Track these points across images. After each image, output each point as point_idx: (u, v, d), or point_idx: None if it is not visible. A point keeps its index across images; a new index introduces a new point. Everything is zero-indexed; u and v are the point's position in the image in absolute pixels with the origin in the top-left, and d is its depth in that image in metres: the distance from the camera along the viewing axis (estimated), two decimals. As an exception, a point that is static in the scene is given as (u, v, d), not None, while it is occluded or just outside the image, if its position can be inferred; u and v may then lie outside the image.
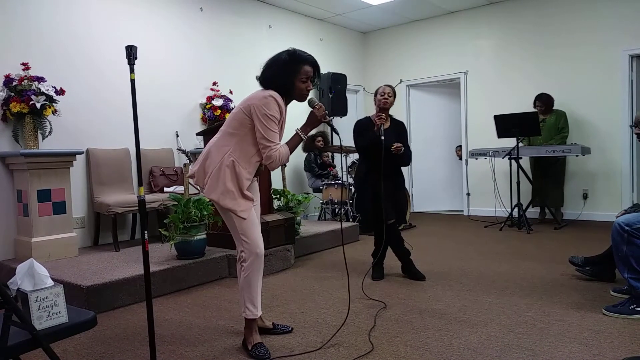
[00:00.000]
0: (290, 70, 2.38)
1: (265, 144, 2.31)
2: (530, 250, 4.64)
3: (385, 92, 3.69)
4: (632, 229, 2.78)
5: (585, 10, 6.24)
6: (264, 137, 2.31)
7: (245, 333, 2.49)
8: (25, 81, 3.97)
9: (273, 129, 2.32)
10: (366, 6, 6.87)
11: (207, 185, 2.38)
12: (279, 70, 2.38)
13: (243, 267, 2.42)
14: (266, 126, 2.30)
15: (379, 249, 3.83)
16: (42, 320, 1.59)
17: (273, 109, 2.31)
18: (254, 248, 2.39)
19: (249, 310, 2.44)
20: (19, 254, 4.07)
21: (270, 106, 2.30)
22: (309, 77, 2.41)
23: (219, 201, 2.35)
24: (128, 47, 2.11)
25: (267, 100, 2.31)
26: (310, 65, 2.42)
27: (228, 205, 2.35)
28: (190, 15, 5.67)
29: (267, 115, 2.29)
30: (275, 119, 2.32)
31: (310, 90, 2.45)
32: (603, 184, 6.21)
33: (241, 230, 2.39)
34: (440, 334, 2.59)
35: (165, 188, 4.89)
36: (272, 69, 2.41)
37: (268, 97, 2.31)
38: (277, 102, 2.32)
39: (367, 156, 3.75)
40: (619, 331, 2.54)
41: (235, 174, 2.35)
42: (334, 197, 6.08)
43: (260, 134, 2.31)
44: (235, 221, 2.38)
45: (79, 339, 2.66)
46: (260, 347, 2.40)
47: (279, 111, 2.34)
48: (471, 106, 7.30)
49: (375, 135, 3.60)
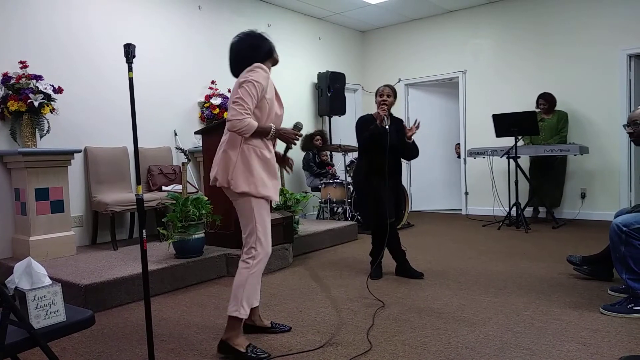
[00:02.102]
0: (260, 36, 2.47)
1: (238, 102, 2.25)
2: (528, 249, 4.65)
3: (384, 93, 3.69)
4: (630, 229, 2.78)
5: (583, 9, 6.25)
6: (240, 97, 2.25)
7: (230, 336, 2.34)
8: (23, 79, 3.96)
9: (252, 95, 2.27)
10: (365, 5, 6.87)
11: (233, 181, 2.33)
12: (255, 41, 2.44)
13: (249, 263, 2.35)
14: (246, 89, 2.26)
15: (377, 248, 3.84)
16: (40, 319, 1.58)
17: (259, 76, 2.30)
18: (267, 247, 2.39)
19: (243, 309, 2.34)
20: (16, 253, 4.07)
21: (255, 74, 2.30)
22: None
23: (251, 192, 2.31)
24: (126, 46, 2.10)
25: (254, 69, 2.32)
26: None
27: (262, 193, 2.34)
28: (188, 13, 5.66)
29: (249, 81, 2.27)
30: (259, 86, 2.29)
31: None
32: (601, 183, 6.22)
33: (261, 226, 2.36)
34: (439, 332, 2.60)
35: (163, 187, 4.88)
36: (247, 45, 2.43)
37: (254, 67, 2.33)
38: (265, 71, 2.35)
39: (369, 153, 3.73)
40: (617, 330, 2.54)
41: (258, 158, 2.35)
42: (332, 196, 6.08)
43: (237, 95, 2.27)
44: (257, 215, 2.35)
45: (76, 338, 2.65)
46: (254, 347, 2.35)
47: (266, 78, 2.34)
48: (470, 105, 7.30)
49: (378, 129, 3.59)
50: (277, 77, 2.51)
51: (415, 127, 3.65)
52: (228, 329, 2.36)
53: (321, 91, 7.20)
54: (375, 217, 3.72)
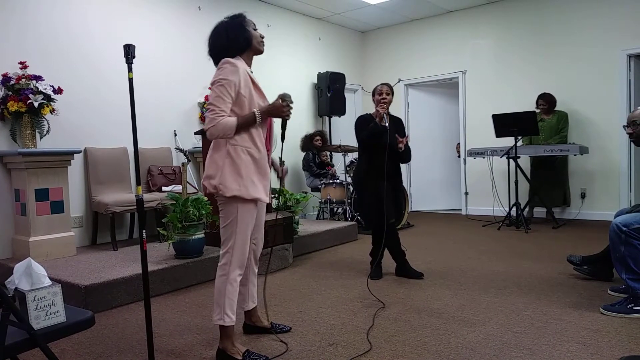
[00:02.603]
0: (239, 23, 2.34)
1: (211, 107, 2.18)
2: (528, 249, 4.65)
3: (383, 91, 3.69)
4: (630, 229, 2.79)
5: (583, 9, 6.25)
6: (211, 102, 2.18)
7: (225, 345, 2.28)
8: (23, 80, 3.96)
9: (223, 96, 2.17)
10: (365, 5, 6.87)
11: (222, 186, 2.21)
12: (232, 28, 2.32)
13: (225, 270, 2.27)
14: (215, 92, 2.18)
15: (377, 248, 3.84)
16: (40, 320, 1.58)
17: (226, 73, 2.19)
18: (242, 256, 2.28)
19: (228, 317, 2.25)
20: (16, 253, 4.06)
21: (223, 72, 2.20)
22: (256, 26, 2.41)
23: (242, 194, 2.19)
24: (126, 46, 2.10)
25: (221, 67, 2.22)
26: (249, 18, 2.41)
27: (253, 195, 2.21)
28: (188, 14, 5.66)
29: (217, 82, 2.19)
30: (228, 83, 2.18)
31: (263, 39, 2.41)
32: (601, 183, 6.22)
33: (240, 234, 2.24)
34: (439, 333, 2.60)
35: (163, 187, 4.88)
36: (223, 32, 2.34)
37: (221, 65, 2.23)
38: (233, 65, 2.21)
39: (369, 151, 3.73)
40: (617, 330, 2.54)
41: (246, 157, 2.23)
42: (332, 197, 6.08)
43: (210, 98, 2.20)
44: (240, 221, 2.23)
45: (76, 339, 2.65)
46: (251, 353, 2.30)
47: (236, 72, 2.20)
48: (469, 106, 7.30)
49: (378, 127, 3.59)
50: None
51: (404, 142, 3.63)
52: (221, 337, 2.30)
53: (321, 91, 7.20)
54: (375, 218, 3.72)
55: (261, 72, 6.36)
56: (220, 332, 2.30)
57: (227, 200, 2.24)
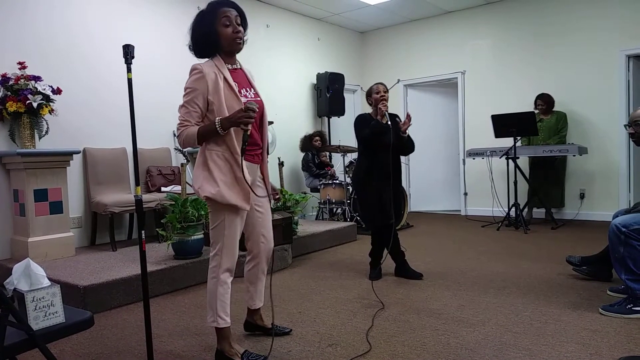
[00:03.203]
0: (209, 20, 2.19)
1: (179, 119, 2.18)
2: (528, 249, 4.65)
3: (380, 90, 3.69)
4: (629, 230, 2.79)
5: (582, 10, 6.26)
6: (179, 112, 2.18)
7: (223, 346, 2.27)
8: (21, 80, 3.96)
9: (187, 104, 2.15)
10: (364, 6, 6.87)
11: (200, 189, 2.19)
12: (200, 26, 2.22)
13: (215, 272, 2.24)
14: (182, 102, 2.18)
15: (376, 249, 3.84)
16: (39, 321, 1.58)
17: (189, 81, 2.16)
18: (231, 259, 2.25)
19: (222, 319, 2.24)
20: (15, 254, 4.06)
21: (189, 80, 2.17)
22: (230, 20, 2.19)
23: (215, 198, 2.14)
24: (125, 46, 2.10)
25: (189, 75, 2.19)
26: (227, 7, 2.20)
27: (226, 199, 2.14)
28: (187, 14, 5.63)
29: (184, 91, 2.18)
30: (192, 91, 2.14)
31: (239, 35, 2.20)
32: (600, 183, 6.22)
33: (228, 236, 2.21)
34: (438, 333, 2.60)
35: (162, 188, 4.88)
36: (194, 28, 2.25)
37: (190, 72, 2.19)
38: (198, 71, 2.15)
39: (370, 151, 3.71)
40: (616, 330, 2.54)
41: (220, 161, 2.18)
42: (331, 197, 6.08)
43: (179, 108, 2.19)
44: (227, 223, 2.20)
45: (75, 339, 2.65)
46: (250, 353, 2.29)
47: (202, 79, 2.13)
48: (469, 106, 7.31)
49: (380, 125, 3.58)
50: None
51: (408, 120, 3.57)
52: (219, 339, 2.29)
53: (320, 92, 7.20)
54: (375, 218, 3.72)
55: (260, 72, 6.39)
56: (217, 334, 2.30)
57: (212, 203, 2.22)
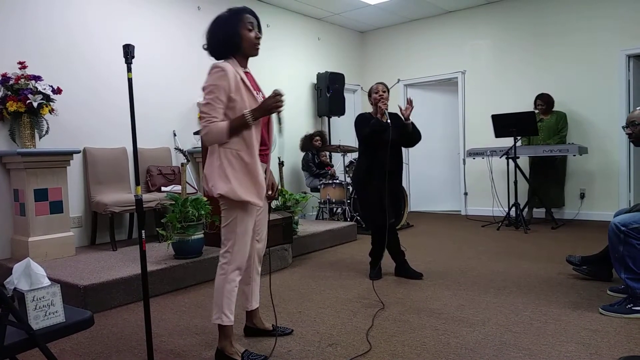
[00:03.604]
0: (233, 22, 2.27)
1: (202, 116, 2.19)
2: (528, 249, 4.65)
3: (379, 89, 3.71)
4: (629, 229, 2.79)
5: (582, 10, 6.26)
6: (202, 109, 2.19)
7: (224, 345, 2.28)
8: (22, 80, 3.96)
9: (212, 101, 2.16)
10: (364, 5, 6.87)
11: (214, 187, 2.22)
12: (223, 27, 2.28)
13: (224, 269, 2.26)
14: (205, 99, 2.18)
15: (376, 249, 3.84)
16: (39, 320, 1.58)
17: (214, 79, 2.17)
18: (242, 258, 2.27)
19: (226, 317, 2.25)
20: (15, 254, 4.06)
21: (211, 77, 2.19)
22: (254, 25, 2.31)
23: (229, 195, 2.17)
24: (125, 46, 2.10)
25: (210, 73, 2.20)
26: (250, 14, 2.33)
27: (241, 197, 2.17)
28: (188, 14, 5.66)
29: (205, 88, 2.19)
30: (217, 88, 2.16)
31: (259, 40, 2.32)
32: (600, 183, 6.22)
33: (240, 234, 2.23)
34: (438, 333, 2.60)
35: (162, 187, 4.88)
36: (215, 30, 2.31)
37: (210, 70, 2.21)
38: (220, 69, 2.18)
39: (370, 150, 3.71)
40: (616, 330, 2.55)
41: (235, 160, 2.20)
42: (331, 197, 6.08)
43: (201, 105, 2.21)
44: (239, 221, 2.23)
45: (76, 339, 2.65)
46: (250, 353, 2.30)
47: (224, 77, 2.16)
48: (469, 106, 7.31)
49: (380, 123, 3.58)
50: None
51: (410, 105, 3.58)
52: (220, 337, 2.30)
53: (320, 92, 7.20)
54: (375, 217, 3.72)
55: (261, 72, 6.36)
56: (219, 332, 2.30)
57: (226, 201, 2.24)
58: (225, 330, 2.28)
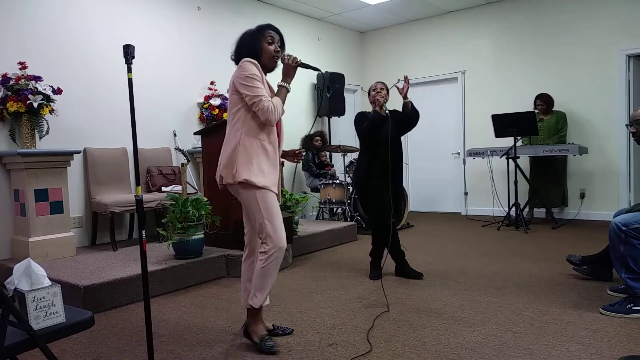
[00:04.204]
0: (256, 37, 2.48)
1: (255, 100, 2.32)
2: (528, 249, 4.65)
3: (377, 87, 3.73)
4: (629, 229, 2.79)
5: (582, 10, 6.26)
6: (251, 95, 2.33)
7: (250, 324, 2.49)
8: (22, 80, 3.96)
9: (257, 86, 2.33)
10: (364, 6, 6.87)
11: (236, 172, 2.34)
12: (247, 40, 2.50)
13: (262, 258, 2.37)
14: (249, 86, 2.33)
15: (376, 249, 3.84)
16: (40, 320, 1.58)
17: (250, 69, 2.34)
18: (279, 241, 2.36)
19: (257, 298, 2.42)
20: (16, 254, 4.06)
21: (246, 68, 2.34)
22: (274, 39, 2.50)
23: (252, 180, 2.32)
24: (125, 47, 2.10)
25: (242, 65, 2.36)
26: (273, 30, 2.53)
27: (263, 183, 2.34)
28: (188, 14, 5.66)
29: (246, 77, 2.33)
30: (257, 77, 2.35)
31: (278, 54, 2.52)
32: (600, 183, 6.22)
33: (269, 219, 2.35)
34: (438, 333, 2.60)
35: (162, 187, 4.88)
36: (241, 42, 2.52)
37: (242, 63, 2.37)
38: (252, 63, 2.37)
39: (371, 147, 3.71)
40: (616, 330, 2.54)
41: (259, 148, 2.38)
42: (331, 197, 6.08)
43: (247, 95, 2.33)
44: (262, 206, 2.35)
45: (76, 339, 2.65)
46: (267, 340, 2.42)
47: (256, 67, 2.37)
48: (469, 106, 7.31)
49: (378, 115, 3.59)
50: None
51: (407, 83, 3.60)
52: (249, 315, 2.51)
53: (320, 92, 7.20)
54: (375, 217, 3.72)
55: (261, 73, 6.38)
56: (251, 313, 2.50)
57: (241, 188, 2.37)
58: (253, 311, 2.48)
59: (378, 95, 3.68)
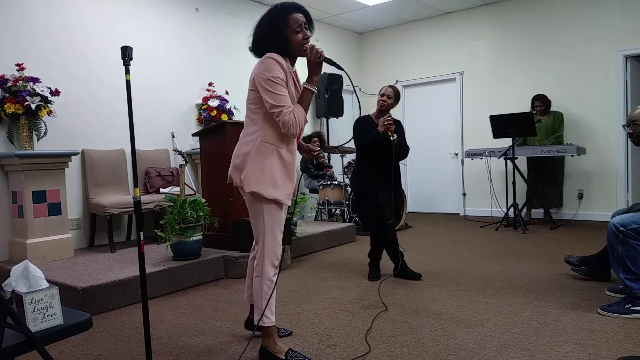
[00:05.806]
0: (280, 26, 2.19)
1: (276, 110, 2.11)
2: (526, 250, 4.65)
3: (385, 93, 3.68)
4: (628, 229, 2.79)
5: (580, 10, 6.27)
6: (272, 104, 2.11)
7: (268, 343, 2.29)
8: (20, 82, 3.96)
9: (279, 92, 2.11)
10: (362, 7, 6.88)
11: (246, 180, 2.19)
12: (268, 30, 2.21)
13: (258, 272, 2.28)
14: (271, 91, 2.10)
15: (375, 250, 3.84)
16: (37, 322, 1.58)
17: (274, 70, 2.11)
18: (274, 258, 2.26)
19: (267, 318, 2.26)
20: (13, 256, 4.05)
21: (269, 68, 2.11)
22: (302, 26, 2.19)
23: (260, 192, 2.16)
24: (123, 48, 2.10)
25: (265, 64, 2.13)
26: (298, 12, 2.21)
27: (271, 195, 2.18)
28: (185, 15, 5.66)
29: (269, 80, 2.10)
30: (280, 80, 2.11)
31: (308, 39, 2.22)
32: (598, 184, 6.24)
33: (269, 234, 2.23)
34: (437, 334, 2.60)
35: (161, 189, 4.87)
36: (260, 32, 2.25)
37: (265, 60, 2.14)
38: (276, 62, 2.13)
39: (367, 155, 3.72)
40: (615, 330, 2.55)
41: (275, 157, 2.20)
42: (330, 198, 6.08)
43: (268, 102, 2.12)
44: (267, 220, 2.22)
45: (74, 341, 2.65)
46: (294, 352, 2.29)
47: (281, 70, 2.13)
48: (467, 106, 7.32)
49: (380, 136, 3.53)
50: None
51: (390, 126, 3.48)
52: (264, 336, 2.32)
53: (319, 93, 7.20)
54: (374, 219, 3.72)
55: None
56: (263, 331, 2.31)
57: (250, 196, 2.24)
58: (268, 330, 2.30)
59: (386, 124, 3.48)
